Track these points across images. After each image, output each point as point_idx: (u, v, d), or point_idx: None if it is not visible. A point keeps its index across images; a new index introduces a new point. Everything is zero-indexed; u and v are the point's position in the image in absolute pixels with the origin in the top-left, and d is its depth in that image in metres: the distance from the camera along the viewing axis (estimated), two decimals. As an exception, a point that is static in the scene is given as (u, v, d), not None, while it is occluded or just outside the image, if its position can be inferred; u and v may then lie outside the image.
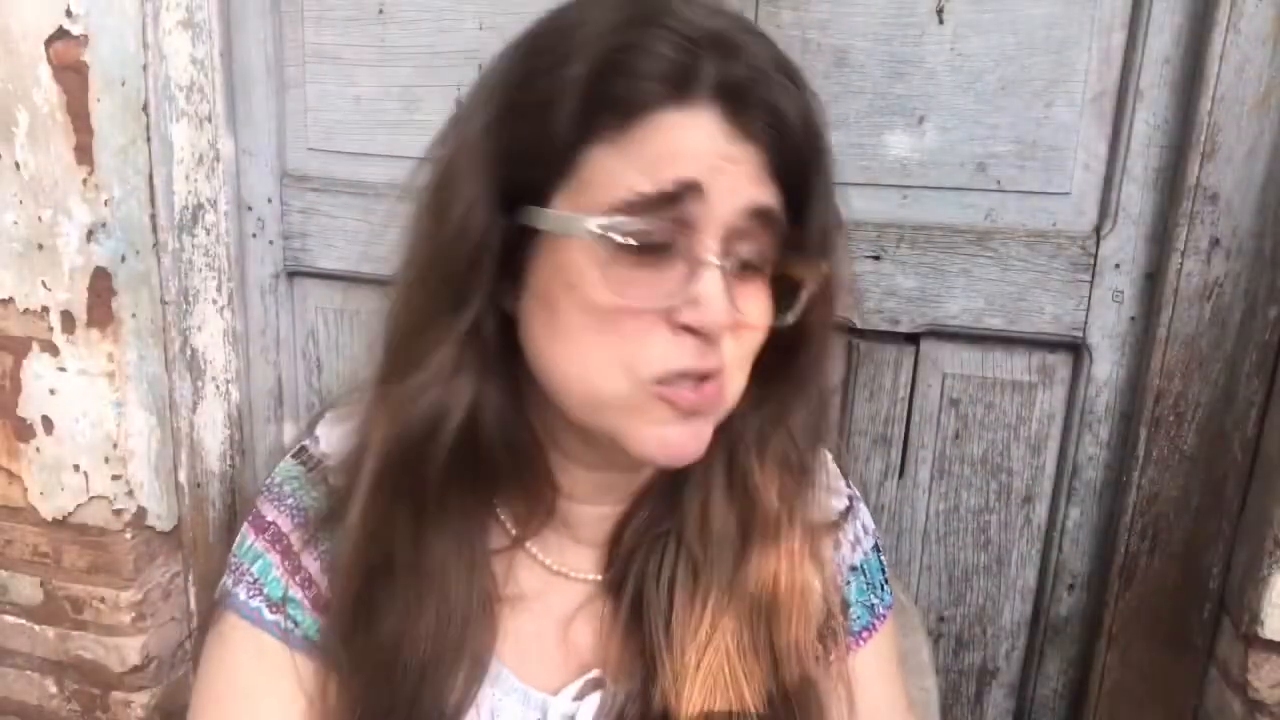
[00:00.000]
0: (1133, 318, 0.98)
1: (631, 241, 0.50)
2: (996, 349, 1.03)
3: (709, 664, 0.60)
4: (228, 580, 0.65)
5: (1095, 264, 0.97)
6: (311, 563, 0.63)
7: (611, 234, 0.50)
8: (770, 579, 0.62)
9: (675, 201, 0.51)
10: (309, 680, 0.62)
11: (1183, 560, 0.99)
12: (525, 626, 0.65)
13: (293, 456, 0.68)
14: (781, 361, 0.61)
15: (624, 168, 0.51)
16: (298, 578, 0.63)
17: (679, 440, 0.55)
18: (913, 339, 1.04)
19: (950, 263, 1.00)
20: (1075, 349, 1.01)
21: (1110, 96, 0.95)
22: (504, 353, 0.56)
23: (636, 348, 0.52)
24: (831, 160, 0.57)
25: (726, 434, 0.61)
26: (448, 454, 0.56)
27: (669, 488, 0.64)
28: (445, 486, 0.58)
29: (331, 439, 0.67)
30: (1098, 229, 0.97)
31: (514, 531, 0.64)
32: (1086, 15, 0.93)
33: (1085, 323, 0.99)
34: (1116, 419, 1.01)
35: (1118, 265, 0.97)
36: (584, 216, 0.50)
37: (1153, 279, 0.96)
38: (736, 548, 0.62)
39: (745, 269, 0.55)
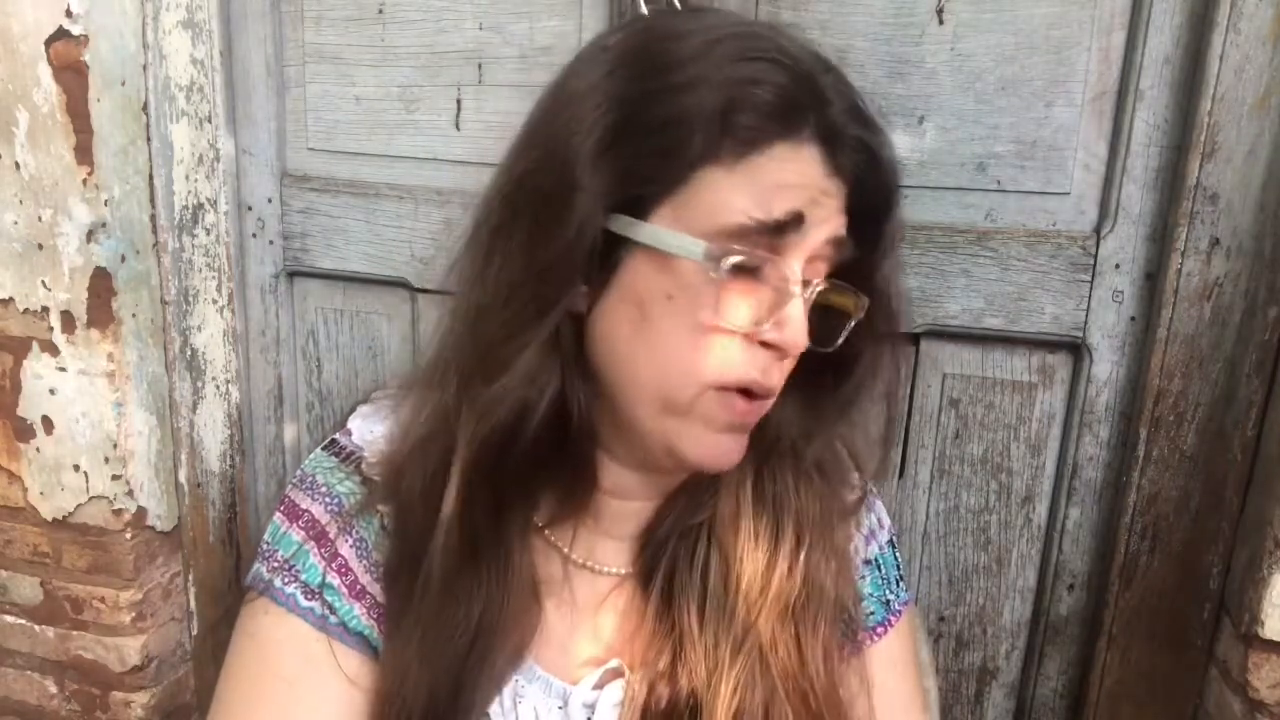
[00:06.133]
0: (1133, 318, 0.98)
1: (738, 264, 0.53)
2: (996, 349, 1.03)
3: (745, 656, 0.62)
4: (260, 568, 0.66)
5: (1095, 264, 0.97)
6: (347, 550, 0.65)
7: (723, 259, 0.53)
8: (800, 575, 0.64)
9: (781, 231, 0.54)
10: (347, 665, 0.63)
11: (1183, 560, 0.99)
12: (548, 616, 0.66)
13: (323, 449, 0.69)
14: (830, 382, 0.64)
15: (737, 194, 0.53)
16: (334, 564, 0.64)
17: (726, 448, 0.59)
18: (912, 339, 1.04)
19: (950, 263, 1.00)
20: (1075, 349, 1.01)
21: (1110, 96, 0.95)
22: (576, 352, 0.59)
23: (718, 357, 0.55)
24: (900, 202, 0.61)
25: (763, 435, 0.63)
26: (528, 449, 0.58)
27: (704, 482, 0.66)
28: (520, 478, 0.60)
29: (364, 433, 0.68)
30: (1098, 229, 0.97)
31: (540, 523, 0.65)
32: (1086, 15, 0.93)
33: (1085, 323, 0.99)
34: (1116, 419, 1.01)
35: (1118, 265, 0.97)
36: (698, 240, 0.53)
37: (1153, 279, 0.96)
38: (768, 545, 0.64)
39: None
